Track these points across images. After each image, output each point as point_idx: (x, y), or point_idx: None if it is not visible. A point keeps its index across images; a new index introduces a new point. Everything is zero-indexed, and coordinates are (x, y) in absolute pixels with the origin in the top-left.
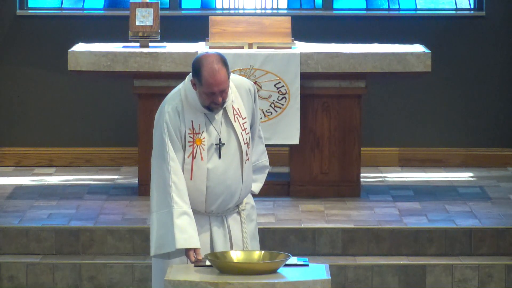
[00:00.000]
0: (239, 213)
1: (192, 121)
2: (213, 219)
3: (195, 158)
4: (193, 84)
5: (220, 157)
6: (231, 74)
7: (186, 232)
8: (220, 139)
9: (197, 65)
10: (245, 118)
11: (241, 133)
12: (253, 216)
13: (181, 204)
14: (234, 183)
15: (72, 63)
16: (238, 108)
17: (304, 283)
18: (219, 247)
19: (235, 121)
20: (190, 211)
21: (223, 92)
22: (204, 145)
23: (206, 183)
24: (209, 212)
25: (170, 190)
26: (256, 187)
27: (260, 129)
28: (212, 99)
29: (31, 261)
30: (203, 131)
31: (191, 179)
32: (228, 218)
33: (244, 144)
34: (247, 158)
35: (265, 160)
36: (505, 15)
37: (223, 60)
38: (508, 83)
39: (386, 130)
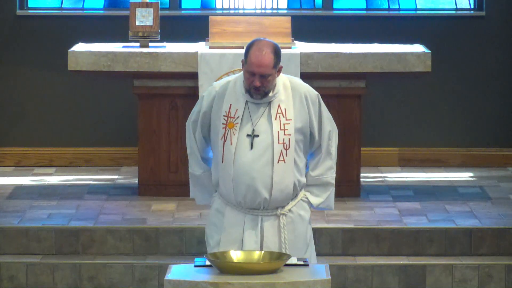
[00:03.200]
0: (278, 217)
1: (230, 104)
2: (249, 218)
3: (226, 141)
4: (242, 65)
5: (251, 148)
6: (295, 78)
7: (198, 192)
8: (253, 130)
9: (249, 44)
10: (290, 120)
11: (278, 132)
12: (299, 227)
13: (196, 169)
14: (260, 178)
15: (72, 63)
16: (285, 109)
17: (304, 283)
18: (248, 247)
19: (275, 119)
20: (201, 175)
21: (264, 79)
22: (236, 130)
23: (233, 168)
24: (238, 204)
25: (190, 157)
26: (315, 200)
27: (332, 145)
28: (251, 80)
29: (31, 261)
30: (238, 117)
31: (222, 162)
32: (265, 221)
33: (279, 143)
34: (281, 159)
35: (330, 177)
36: (505, 15)
37: (274, 48)
38: (508, 83)
39: (386, 130)
